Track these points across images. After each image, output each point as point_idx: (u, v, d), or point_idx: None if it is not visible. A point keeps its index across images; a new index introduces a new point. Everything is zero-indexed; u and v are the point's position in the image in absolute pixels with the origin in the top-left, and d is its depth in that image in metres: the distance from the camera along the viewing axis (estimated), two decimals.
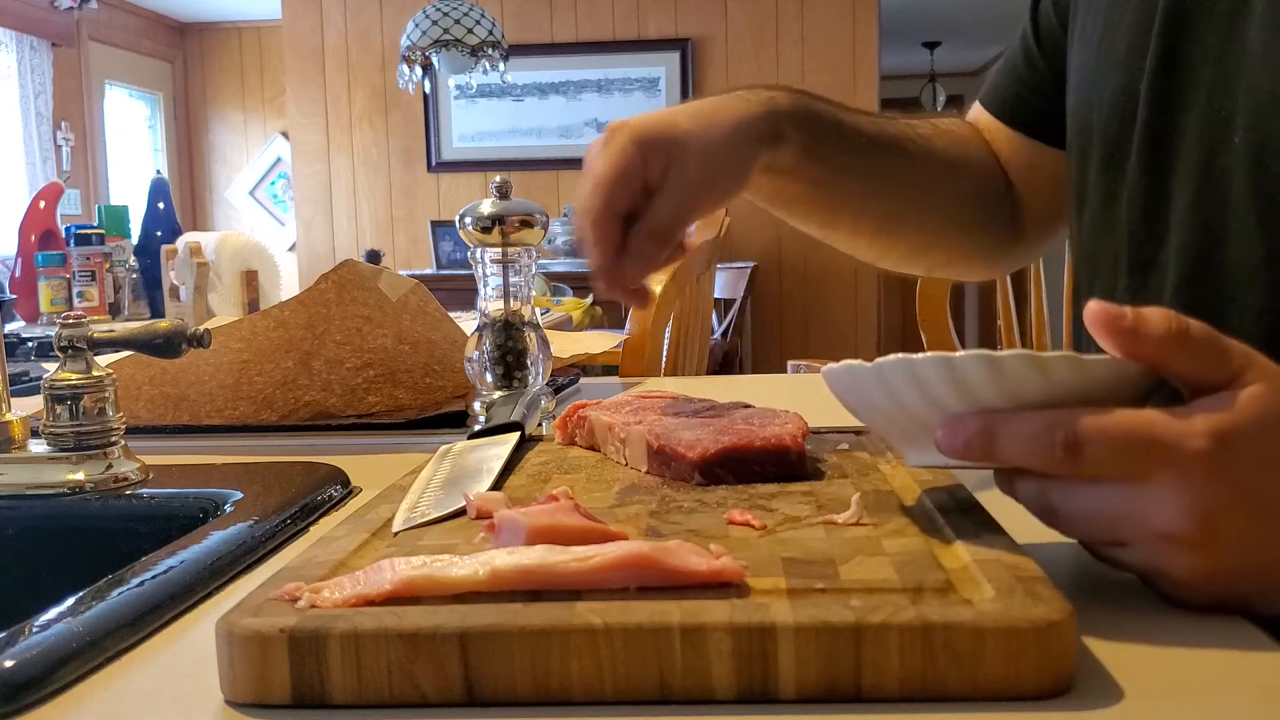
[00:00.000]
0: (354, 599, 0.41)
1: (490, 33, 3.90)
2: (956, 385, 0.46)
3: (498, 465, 0.63)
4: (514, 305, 0.92)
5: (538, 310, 0.98)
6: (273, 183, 6.62)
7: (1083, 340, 0.69)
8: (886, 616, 0.38)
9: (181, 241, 2.36)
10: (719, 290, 4.04)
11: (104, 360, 0.76)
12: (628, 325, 1.79)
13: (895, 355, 0.47)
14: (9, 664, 0.41)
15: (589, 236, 0.70)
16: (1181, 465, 0.43)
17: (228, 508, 0.65)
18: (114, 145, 6.04)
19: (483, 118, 5.30)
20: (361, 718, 0.38)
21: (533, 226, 0.91)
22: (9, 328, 2.32)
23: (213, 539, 0.57)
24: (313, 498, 0.67)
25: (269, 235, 6.15)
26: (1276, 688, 0.39)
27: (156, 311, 2.51)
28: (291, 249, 5.88)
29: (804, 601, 0.40)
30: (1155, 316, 0.44)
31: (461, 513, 0.54)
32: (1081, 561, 0.49)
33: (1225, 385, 0.44)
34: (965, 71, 8.16)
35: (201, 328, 0.74)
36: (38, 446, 0.73)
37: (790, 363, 2.71)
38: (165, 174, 5.58)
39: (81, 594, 0.48)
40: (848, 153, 0.80)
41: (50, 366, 0.84)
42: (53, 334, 0.73)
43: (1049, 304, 1.91)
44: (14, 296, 2.47)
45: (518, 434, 0.71)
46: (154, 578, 0.51)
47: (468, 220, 0.91)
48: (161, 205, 2.70)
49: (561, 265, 4.46)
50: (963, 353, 0.45)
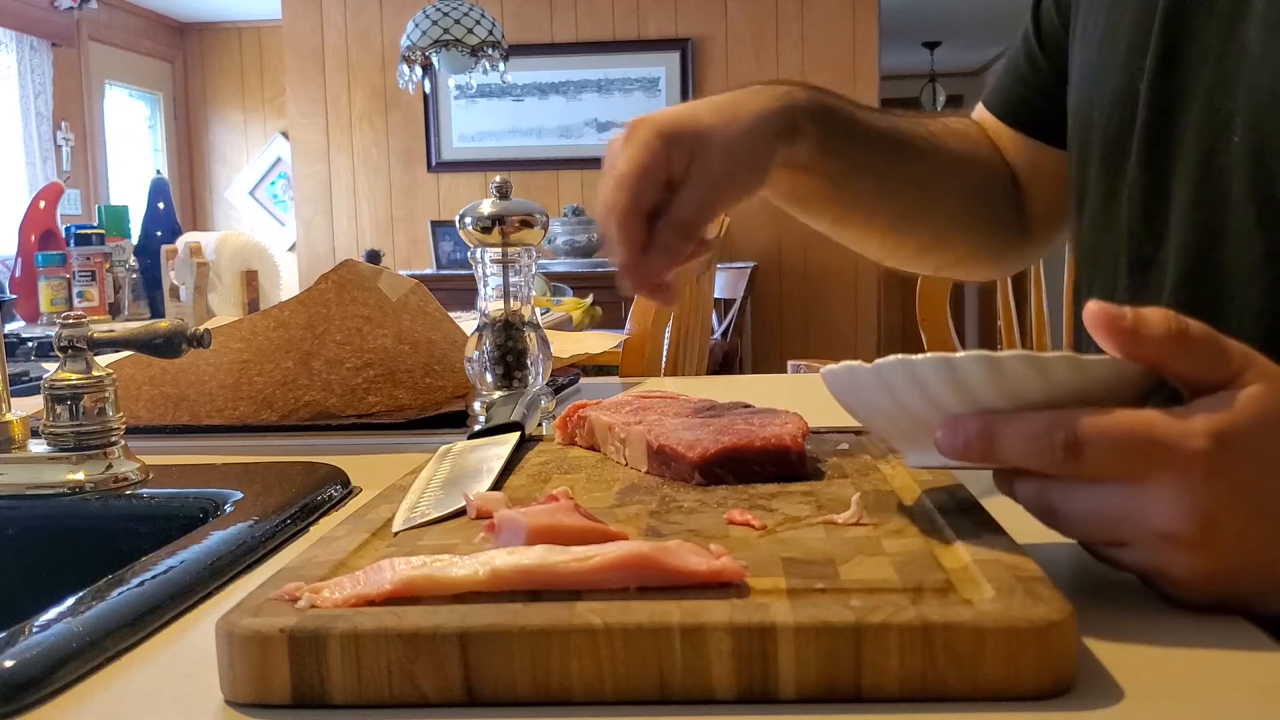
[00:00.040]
0: (354, 599, 0.41)
1: (490, 33, 3.90)
2: (956, 386, 0.46)
3: (498, 465, 0.63)
4: (514, 305, 0.92)
5: (538, 310, 0.98)
6: (273, 183, 6.61)
7: (1083, 340, 0.69)
8: (886, 616, 0.38)
9: (181, 241, 2.36)
10: (719, 290, 4.03)
11: (104, 360, 0.76)
12: (627, 325, 1.79)
13: (895, 356, 0.47)
14: (9, 664, 0.41)
15: (613, 233, 0.69)
16: (1181, 465, 0.43)
17: (228, 508, 0.65)
18: (114, 145, 6.04)
19: (483, 118, 5.30)
20: (361, 718, 0.38)
21: (533, 226, 0.91)
22: (9, 328, 2.32)
23: (213, 539, 0.57)
24: (313, 498, 0.67)
25: (269, 235, 6.15)
26: (1276, 688, 0.39)
27: (156, 311, 2.51)
28: (291, 249, 5.88)
29: (804, 601, 0.40)
30: (1155, 317, 0.44)
31: (461, 513, 0.54)
32: (1081, 561, 0.49)
33: (1225, 385, 0.44)
34: (965, 71, 8.16)
35: (201, 328, 0.74)
36: (38, 446, 0.73)
37: (790, 363, 2.71)
38: (165, 174, 5.58)
39: (81, 594, 0.48)
40: (861, 149, 0.80)
41: (50, 366, 0.84)
42: (53, 334, 0.73)
43: (1049, 304, 1.91)
44: (14, 296, 2.47)
45: (518, 434, 0.71)
46: (154, 578, 0.51)
47: (468, 220, 0.91)
48: (161, 205, 2.69)
49: (561, 265, 4.46)
50: (962, 353, 0.45)
